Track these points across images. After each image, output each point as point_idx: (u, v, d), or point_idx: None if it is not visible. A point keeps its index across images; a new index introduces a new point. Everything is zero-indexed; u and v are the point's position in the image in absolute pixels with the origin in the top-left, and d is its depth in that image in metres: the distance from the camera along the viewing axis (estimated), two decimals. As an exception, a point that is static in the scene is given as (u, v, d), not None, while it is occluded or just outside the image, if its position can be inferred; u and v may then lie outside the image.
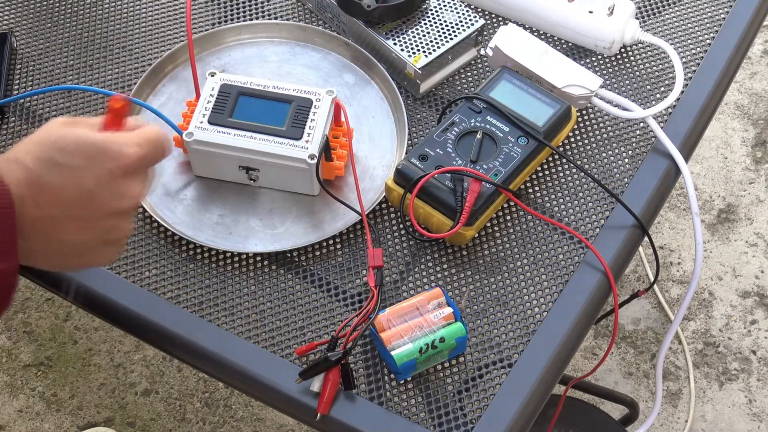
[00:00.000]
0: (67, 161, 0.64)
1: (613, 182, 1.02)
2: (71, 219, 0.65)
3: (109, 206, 0.67)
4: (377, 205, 0.98)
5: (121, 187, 0.67)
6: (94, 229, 0.67)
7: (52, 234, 0.64)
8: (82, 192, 0.65)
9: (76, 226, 0.66)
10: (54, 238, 0.65)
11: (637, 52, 1.11)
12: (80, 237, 0.66)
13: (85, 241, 0.67)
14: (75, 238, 0.66)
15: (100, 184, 0.65)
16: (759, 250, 1.88)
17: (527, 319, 0.92)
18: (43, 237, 0.64)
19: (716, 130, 2.03)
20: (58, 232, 0.65)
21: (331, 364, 0.85)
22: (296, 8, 1.15)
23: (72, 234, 0.66)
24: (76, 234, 0.66)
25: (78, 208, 0.65)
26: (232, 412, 1.70)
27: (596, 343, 1.78)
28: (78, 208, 0.65)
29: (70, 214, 0.65)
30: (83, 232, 0.66)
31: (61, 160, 0.64)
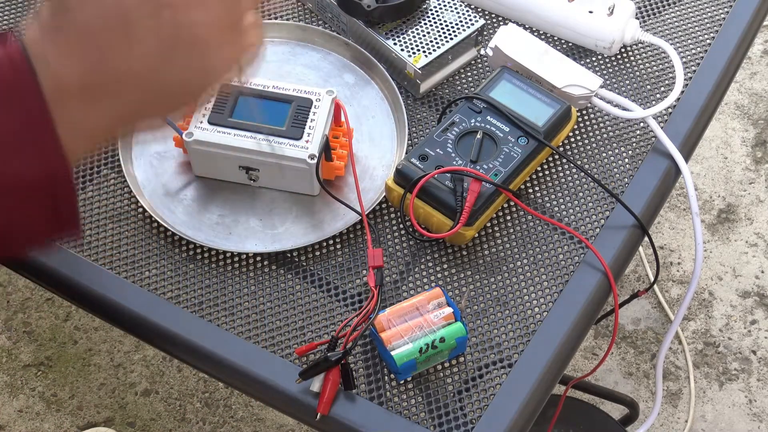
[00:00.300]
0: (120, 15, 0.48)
1: (613, 182, 1.02)
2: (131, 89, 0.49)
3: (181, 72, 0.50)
4: (377, 205, 0.98)
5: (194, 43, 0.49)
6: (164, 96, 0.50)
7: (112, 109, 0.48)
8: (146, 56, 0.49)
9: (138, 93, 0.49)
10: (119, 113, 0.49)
11: (637, 52, 1.11)
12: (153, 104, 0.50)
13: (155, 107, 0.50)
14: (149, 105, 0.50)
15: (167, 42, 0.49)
16: (759, 250, 1.88)
17: (527, 319, 0.92)
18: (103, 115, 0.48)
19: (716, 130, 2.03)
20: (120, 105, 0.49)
21: (331, 364, 0.85)
22: (296, 8, 1.15)
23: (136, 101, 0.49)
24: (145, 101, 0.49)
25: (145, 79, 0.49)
26: (232, 412, 1.70)
27: (596, 343, 1.78)
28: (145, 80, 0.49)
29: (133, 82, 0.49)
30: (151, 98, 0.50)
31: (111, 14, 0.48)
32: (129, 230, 0.98)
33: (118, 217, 0.98)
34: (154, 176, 1.01)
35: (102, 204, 0.99)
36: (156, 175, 1.01)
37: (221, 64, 0.50)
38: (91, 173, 1.02)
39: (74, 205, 0.50)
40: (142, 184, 1.00)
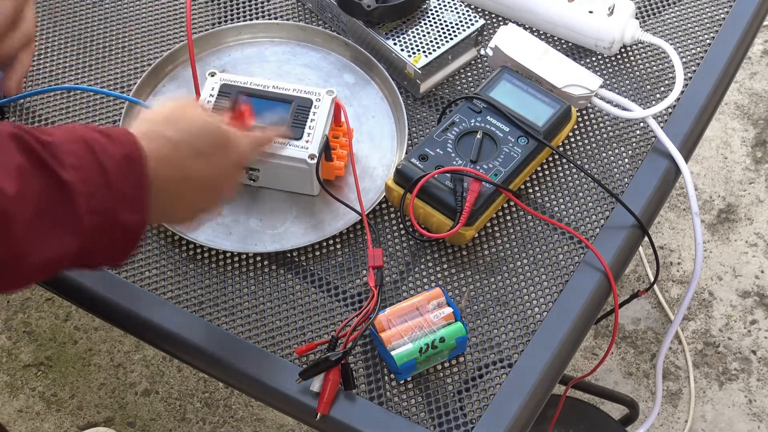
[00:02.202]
0: (202, 148, 0.71)
1: (613, 182, 1.02)
2: (190, 194, 0.73)
3: (224, 192, 0.76)
4: (377, 205, 0.98)
5: (232, 178, 0.76)
6: (203, 203, 0.76)
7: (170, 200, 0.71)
8: (208, 176, 0.73)
9: (191, 199, 0.74)
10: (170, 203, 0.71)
11: (637, 52, 1.11)
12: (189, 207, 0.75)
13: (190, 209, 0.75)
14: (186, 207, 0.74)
15: (222, 173, 0.74)
16: (759, 250, 1.88)
17: (527, 319, 0.92)
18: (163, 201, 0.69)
19: (716, 130, 2.03)
20: (175, 200, 0.72)
21: (331, 364, 0.85)
22: (296, 8, 1.15)
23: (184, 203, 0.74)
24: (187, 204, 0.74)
25: (201, 189, 0.73)
26: (232, 412, 1.70)
27: (596, 343, 1.78)
28: (200, 189, 0.73)
29: (191, 189, 0.72)
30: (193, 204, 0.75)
31: (195, 145, 0.71)
32: (129, 230, 0.97)
33: (118, 217, 0.98)
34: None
35: (102, 204, 0.99)
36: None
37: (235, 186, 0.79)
38: (91, 173, 1.01)
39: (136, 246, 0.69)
40: (142, 184, 1.00)
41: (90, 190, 0.62)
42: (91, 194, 0.62)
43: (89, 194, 0.62)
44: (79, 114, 1.06)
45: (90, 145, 0.63)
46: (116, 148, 0.65)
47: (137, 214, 0.66)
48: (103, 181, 0.63)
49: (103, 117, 1.06)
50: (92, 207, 0.62)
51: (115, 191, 0.64)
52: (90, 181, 0.62)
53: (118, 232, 0.65)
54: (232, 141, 0.75)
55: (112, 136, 0.66)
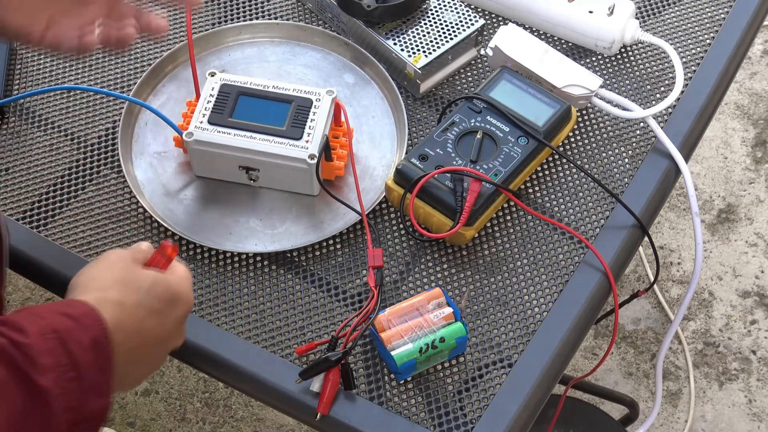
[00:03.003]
0: (155, 306, 0.72)
1: (613, 182, 1.02)
2: (145, 356, 0.74)
3: (173, 344, 0.76)
4: (377, 205, 0.98)
5: (182, 328, 0.77)
6: (155, 361, 0.76)
7: (128, 368, 0.72)
8: (162, 334, 0.74)
9: (146, 360, 0.74)
10: (128, 371, 0.72)
11: (637, 52, 1.11)
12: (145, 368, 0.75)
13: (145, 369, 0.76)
14: (141, 369, 0.75)
15: (173, 328, 0.75)
16: (759, 250, 1.88)
17: (527, 319, 0.92)
18: (122, 371, 0.70)
19: (716, 130, 2.03)
20: (132, 366, 0.72)
21: (331, 364, 0.85)
22: (296, 8, 1.15)
23: (140, 366, 0.74)
24: (142, 366, 0.75)
25: (154, 348, 0.74)
26: (232, 412, 1.70)
27: (596, 343, 1.78)
28: (154, 348, 0.74)
29: (147, 351, 0.73)
30: (147, 364, 0.75)
31: (149, 305, 0.72)
32: (129, 230, 0.98)
33: (118, 217, 0.98)
34: (154, 176, 1.01)
35: (102, 204, 0.99)
36: (156, 175, 1.01)
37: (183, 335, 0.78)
38: (91, 173, 1.02)
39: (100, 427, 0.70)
40: (142, 184, 1.00)
41: (64, 390, 0.63)
42: (64, 394, 0.63)
43: (63, 394, 0.63)
44: (79, 114, 1.06)
45: (62, 338, 0.65)
46: (84, 334, 0.66)
47: (103, 398, 0.67)
48: (75, 376, 0.64)
49: (103, 117, 1.06)
50: (66, 406, 0.64)
51: (84, 382, 0.65)
52: (64, 380, 0.64)
53: (87, 420, 0.66)
54: (180, 292, 0.75)
55: (79, 319, 0.67)
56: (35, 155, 1.03)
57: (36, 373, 0.62)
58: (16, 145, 1.03)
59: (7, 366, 0.61)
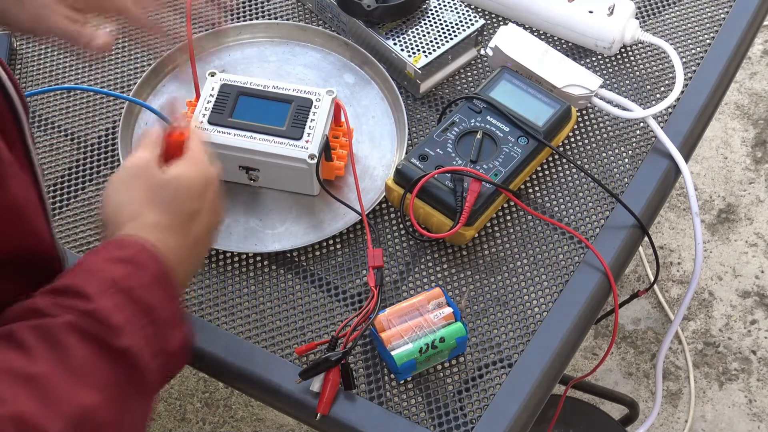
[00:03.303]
0: (189, 207, 0.72)
1: (613, 182, 1.02)
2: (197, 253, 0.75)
3: (217, 227, 0.77)
4: (377, 205, 0.98)
5: (219, 205, 0.76)
6: (206, 250, 0.77)
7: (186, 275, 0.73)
8: (204, 227, 0.74)
9: (199, 255, 0.75)
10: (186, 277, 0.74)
11: (637, 52, 1.11)
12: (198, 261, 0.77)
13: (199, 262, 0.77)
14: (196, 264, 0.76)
15: (211, 212, 0.75)
16: (759, 250, 1.88)
17: (527, 319, 0.92)
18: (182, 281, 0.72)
19: (716, 130, 2.03)
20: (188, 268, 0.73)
21: (331, 364, 0.85)
22: (296, 8, 1.15)
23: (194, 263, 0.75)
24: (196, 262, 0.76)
25: (203, 242, 0.75)
26: (232, 412, 1.70)
27: (596, 343, 1.78)
28: (203, 243, 0.75)
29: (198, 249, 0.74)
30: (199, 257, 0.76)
31: (193, 207, 0.72)
32: (129, 230, 0.97)
33: (118, 217, 0.98)
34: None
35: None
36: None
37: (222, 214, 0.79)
38: (91, 173, 1.02)
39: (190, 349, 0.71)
40: (142, 184, 1.00)
41: (144, 340, 0.63)
42: (146, 344, 0.63)
43: (145, 345, 0.63)
44: (79, 114, 1.06)
45: (124, 288, 0.64)
46: (144, 275, 0.66)
47: (180, 328, 0.67)
48: (148, 321, 0.64)
49: (103, 117, 1.06)
50: (151, 354, 0.64)
51: (159, 323, 0.65)
52: (140, 331, 0.63)
53: (175, 354, 0.67)
54: (203, 177, 0.74)
55: (133, 261, 0.66)
56: (35, 155, 1.03)
57: (113, 337, 0.61)
58: (16, 145, 1.03)
59: (83, 340, 0.60)
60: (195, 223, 0.72)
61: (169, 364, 0.66)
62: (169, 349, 0.65)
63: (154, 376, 0.64)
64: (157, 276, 0.66)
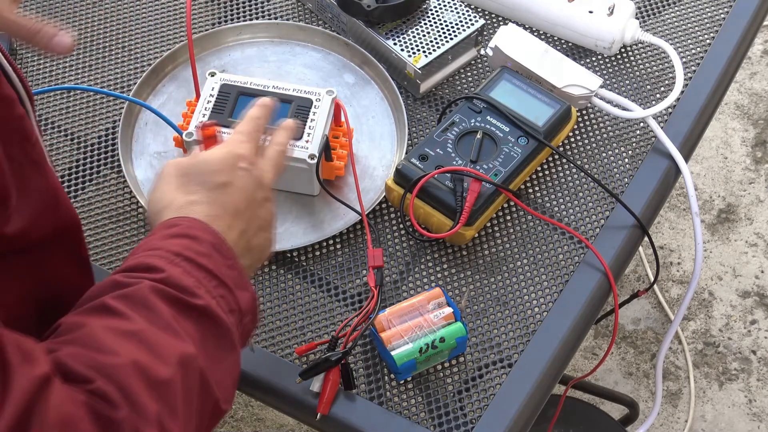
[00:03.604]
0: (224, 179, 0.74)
1: (613, 182, 1.02)
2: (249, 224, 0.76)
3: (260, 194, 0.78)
4: (377, 205, 0.98)
5: (258, 175, 0.77)
6: (260, 220, 0.77)
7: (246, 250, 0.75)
8: (245, 196, 0.75)
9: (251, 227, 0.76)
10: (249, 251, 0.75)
11: (637, 52, 1.11)
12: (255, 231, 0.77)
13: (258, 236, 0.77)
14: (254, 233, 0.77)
15: (250, 183, 0.76)
16: (759, 250, 1.88)
17: (527, 319, 0.92)
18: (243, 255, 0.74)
19: (716, 130, 2.03)
20: (245, 240, 0.75)
21: (331, 364, 0.85)
22: (296, 8, 1.15)
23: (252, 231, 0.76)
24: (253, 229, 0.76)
25: (248, 210, 0.76)
26: (232, 412, 1.70)
27: (596, 343, 1.78)
28: (248, 210, 0.76)
29: (246, 218, 0.75)
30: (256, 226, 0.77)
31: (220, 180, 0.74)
32: (129, 230, 0.98)
33: (118, 217, 0.98)
34: (154, 176, 1.01)
35: (102, 204, 0.99)
36: (156, 175, 1.01)
37: None
38: (91, 173, 1.02)
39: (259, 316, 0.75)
40: (142, 184, 1.00)
41: (218, 299, 0.68)
42: (220, 301, 0.68)
43: (220, 303, 0.68)
44: (79, 114, 1.06)
45: (188, 257, 0.68)
46: (201, 245, 0.69)
47: (247, 290, 0.71)
48: (217, 283, 0.68)
49: (103, 117, 1.06)
50: (227, 310, 0.68)
51: (227, 284, 0.69)
52: (213, 291, 0.68)
53: (246, 313, 0.71)
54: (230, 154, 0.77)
55: (188, 234, 0.70)
56: (35, 155, 1.03)
57: (190, 297, 0.66)
58: (16, 145, 1.03)
59: (166, 302, 0.64)
60: (227, 194, 0.74)
61: (243, 321, 0.70)
62: (241, 307, 0.70)
63: (234, 331, 0.68)
64: (213, 244, 0.70)
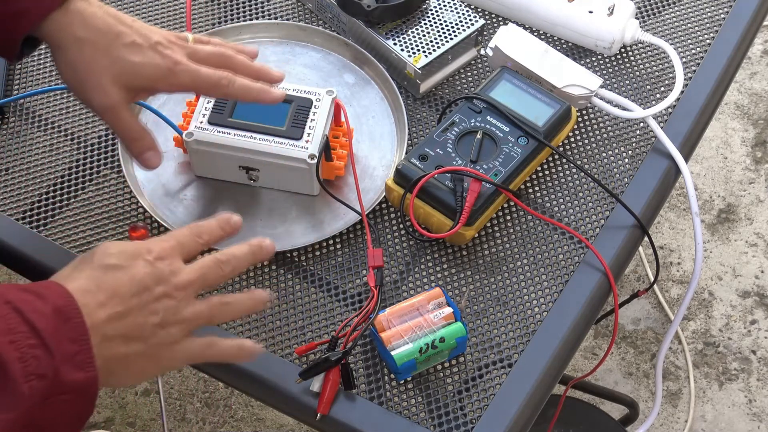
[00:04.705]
0: (114, 262, 0.71)
1: (613, 182, 1.02)
2: (131, 311, 0.70)
3: (158, 289, 0.72)
4: (377, 205, 0.98)
5: (164, 269, 0.73)
6: (154, 315, 0.71)
7: (118, 333, 0.69)
8: (134, 283, 0.71)
9: (138, 317, 0.70)
10: (120, 336, 0.69)
11: (637, 52, 1.11)
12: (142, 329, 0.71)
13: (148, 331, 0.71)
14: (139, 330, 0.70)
15: (147, 273, 0.72)
16: (759, 250, 1.88)
17: (527, 319, 0.92)
18: (113, 341, 0.68)
19: (716, 130, 2.03)
20: (124, 327, 0.69)
21: (331, 364, 0.85)
22: (296, 8, 1.15)
23: (136, 327, 0.70)
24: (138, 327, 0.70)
25: (135, 297, 0.70)
26: (232, 412, 1.70)
27: (596, 343, 1.78)
28: (135, 298, 0.70)
29: (130, 305, 0.70)
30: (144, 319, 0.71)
31: (110, 262, 0.71)
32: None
33: (118, 217, 0.98)
34: (154, 176, 1.01)
35: (102, 204, 0.99)
36: (156, 175, 1.01)
37: None
38: (91, 173, 1.02)
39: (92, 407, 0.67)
40: (142, 184, 1.00)
41: (24, 355, 0.61)
42: (25, 359, 0.61)
43: (23, 359, 0.61)
44: (79, 114, 1.06)
45: (17, 308, 0.63)
46: (44, 304, 0.64)
47: (83, 370, 0.64)
48: (37, 343, 0.62)
49: (103, 117, 1.06)
50: (28, 371, 0.61)
51: (53, 351, 0.63)
52: (23, 346, 0.62)
53: (68, 393, 0.63)
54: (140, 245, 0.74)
55: (37, 292, 0.65)
56: (35, 155, 1.03)
57: None
58: (16, 145, 1.03)
59: None
60: (111, 276, 0.70)
61: (58, 397, 0.63)
62: (60, 381, 0.63)
63: (24, 391, 0.61)
64: (59, 309, 0.65)
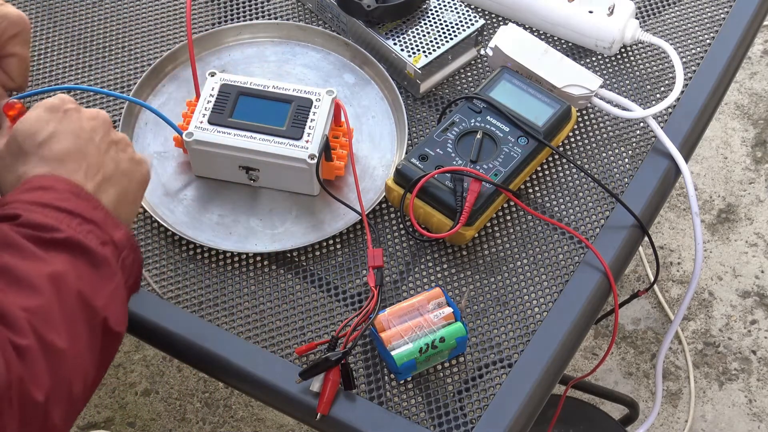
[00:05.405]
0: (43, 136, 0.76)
1: (613, 182, 1.02)
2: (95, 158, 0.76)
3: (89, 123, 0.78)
4: (377, 205, 0.98)
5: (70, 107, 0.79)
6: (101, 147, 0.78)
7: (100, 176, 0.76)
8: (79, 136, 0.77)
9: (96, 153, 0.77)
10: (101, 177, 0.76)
11: (637, 52, 1.11)
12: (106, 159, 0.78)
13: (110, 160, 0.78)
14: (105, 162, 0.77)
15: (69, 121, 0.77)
16: (759, 250, 1.88)
17: (527, 319, 0.92)
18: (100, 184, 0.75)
19: (716, 130, 2.03)
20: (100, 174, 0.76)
21: (331, 364, 0.85)
22: (296, 8, 1.15)
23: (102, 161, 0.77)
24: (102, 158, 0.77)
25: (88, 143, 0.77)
26: (232, 412, 1.70)
27: (596, 343, 1.78)
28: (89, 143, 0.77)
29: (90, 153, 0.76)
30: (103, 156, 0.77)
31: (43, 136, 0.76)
32: (129, 230, 0.97)
33: (118, 217, 0.98)
34: (154, 176, 1.01)
35: (102, 204, 0.99)
36: (156, 175, 1.01)
37: None
38: (91, 173, 1.01)
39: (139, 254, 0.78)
40: (142, 184, 1.00)
41: (84, 232, 0.70)
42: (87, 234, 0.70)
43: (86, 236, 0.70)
44: (79, 114, 1.06)
45: (45, 203, 0.70)
46: (56, 192, 0.72)
47: (118, 228, 0.73)
48: (81, 221, 0.71)
49: (103, 117, 1.06)
50: (99, 242, 0.70)
51: (94, 221, 0.71)
52: (76, 226, 0.70)
53: (125, 248, 0.73)
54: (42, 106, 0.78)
55: (41, 187, 0.72)
56: (35, 155, 1.03)
57: (51, 233, 0.68)
58: (16, 145, 1.03)
59: (28, 239, 0.67)
60: (57, 144, 0.75)
61: (122, 255, 0.73)
62: (115, 240, 0.72)
63: (111, 259, 0.71)
64: (70, 191, 0.72)
